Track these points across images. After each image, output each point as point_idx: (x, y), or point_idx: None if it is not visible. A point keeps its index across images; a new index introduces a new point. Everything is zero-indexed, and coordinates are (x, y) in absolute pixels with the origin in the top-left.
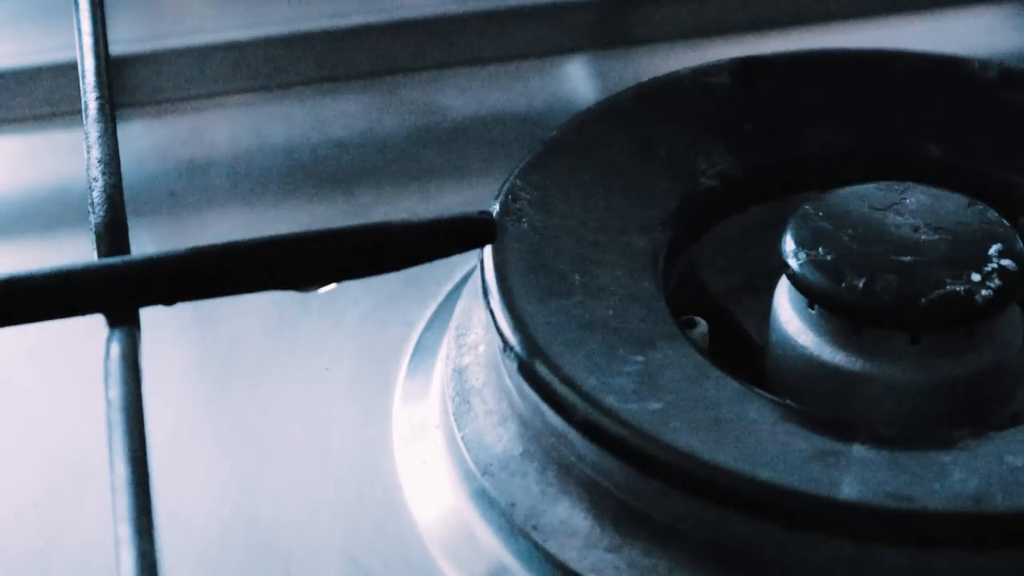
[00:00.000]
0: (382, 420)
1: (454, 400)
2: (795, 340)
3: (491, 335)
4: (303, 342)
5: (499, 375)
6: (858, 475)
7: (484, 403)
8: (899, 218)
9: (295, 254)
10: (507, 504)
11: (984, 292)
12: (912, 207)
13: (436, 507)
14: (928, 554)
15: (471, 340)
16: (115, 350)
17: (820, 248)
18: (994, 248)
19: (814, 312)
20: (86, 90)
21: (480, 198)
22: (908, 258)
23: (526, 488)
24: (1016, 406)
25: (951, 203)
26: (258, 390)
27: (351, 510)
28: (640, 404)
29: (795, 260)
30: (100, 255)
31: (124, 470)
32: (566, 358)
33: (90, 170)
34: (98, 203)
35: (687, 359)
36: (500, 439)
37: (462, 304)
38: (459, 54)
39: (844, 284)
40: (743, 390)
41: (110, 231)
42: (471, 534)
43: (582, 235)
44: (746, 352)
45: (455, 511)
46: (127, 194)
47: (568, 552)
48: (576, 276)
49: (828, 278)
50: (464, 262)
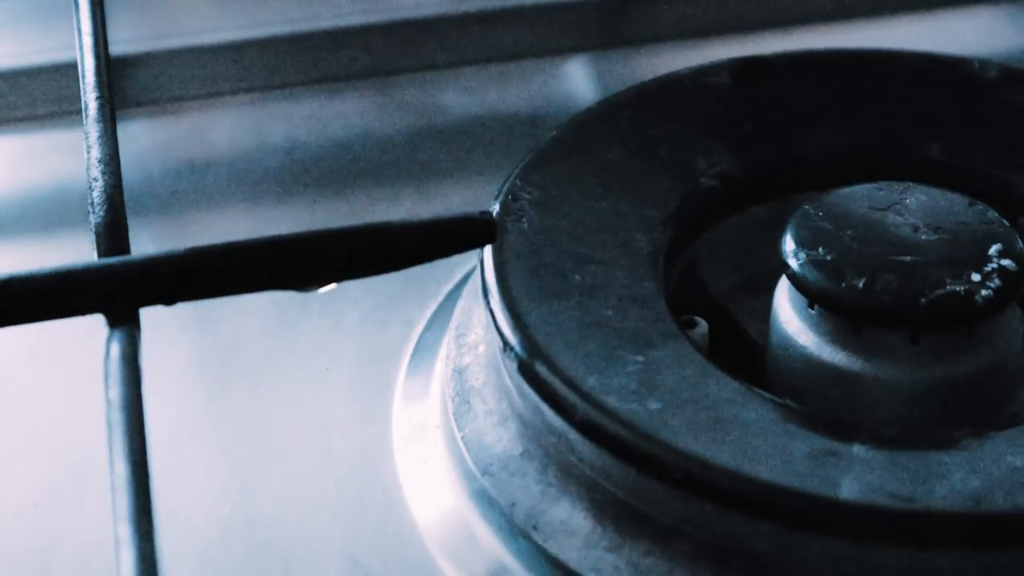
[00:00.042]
0: (382, 420)
1: (454, 400)
2: (795, 340)
3: (491, 335)
4: (303, 342)
5: (499, 375)
6: (858, 475)
7: (484, 403)
8: (899, 218)
9: (295, 254)
10: (507, 504)
11: (984, 292)
12: (912, 207)
13: (436, 507)
14: (928, 554)
15: (471, 340)
16: (115, 350)
17: (820, 248)
18: (994, 248)
19: (814, 312)
20: (86, 90)
21: (480, 198)
22: (908, 258)
23: (526, 488)
24: (1016, 406)
25: (951, 203)
26: (258, 390)
27: (351, 510)
28: (640, 404)
29: (795, 260)
30: (100, 255)
31: (124, 470)
32: (566, 358)
33: (90, 170)
34: (98, 203)
35: (687, 359)
36: (500, 439)
37: (462, 304)
38: (459, 54)
39: (844, 284)
40: (743, 390)
41: (110, 231)
42: (471, 534)
43: (582, 235)
44: (746, 352)
45: (455, 511)
46: (127, 194)
47: (568, 552)
48: (576, 276)
49: (828, 278)
50: (464, 262)
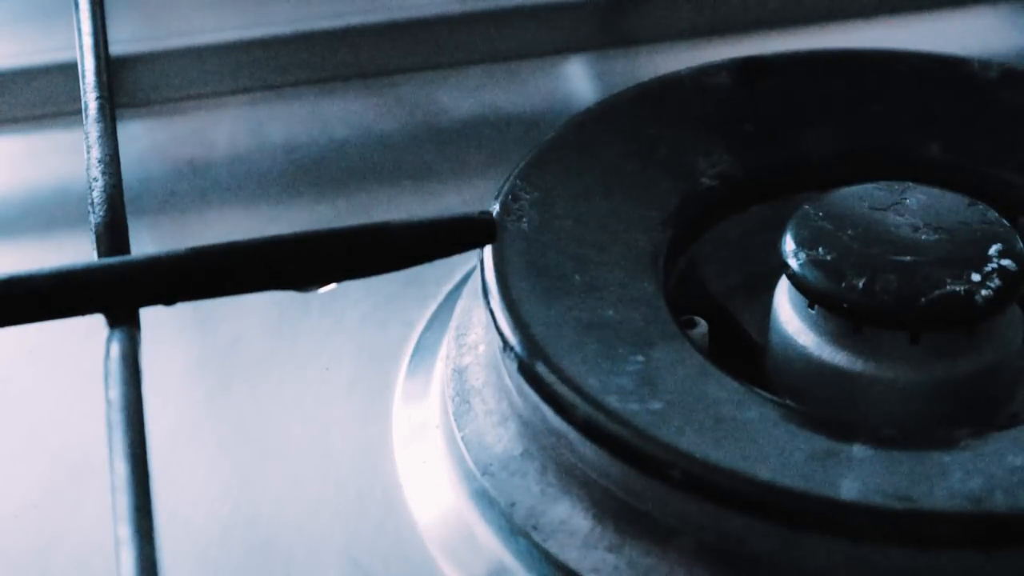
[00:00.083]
0: (382, 420)
1: (454, 400)
2: (795, 340)
3: (491, 335)
4: (303, 342)
5: (499, 375)
6: (858, 475)
7: (484, 403)
8: (899, 218)
9: (295, 254)
10: (507, 504)
11: (984, 292)
12: (912, 207)
13: (436, 507)
14: (928, 554)
15: (471, 340)
16: (115, 350)
17: (820, 248)
18: (994, 248)
19: (814, 312)
20: (86, 90)
21: (480, 198)
22: (908, 258)
23: (526, 488)
24: (1016, 406)
25: (951, 203)
26: (258, 390)
27: (351, 510)
28: (640, 404)
29: (795, 260)
30: (100, 255)
31: (124, 470)
32: (566, 358)
33: (90, 170)
34: (98, 203)
35: (687, 359)
36: (500, 439)
37: (462, 304)
38: (459, 54)
39: (844, 284)
40: (743, 390)
41: (110, 231)
42: (471, 534)
43: (582, 235)
44: (746, 352)
45: (455, 511)
46: (127, 194)
47: (568, 552)
48: (576, 276)
49: (828, 278)
50: (464, 262)
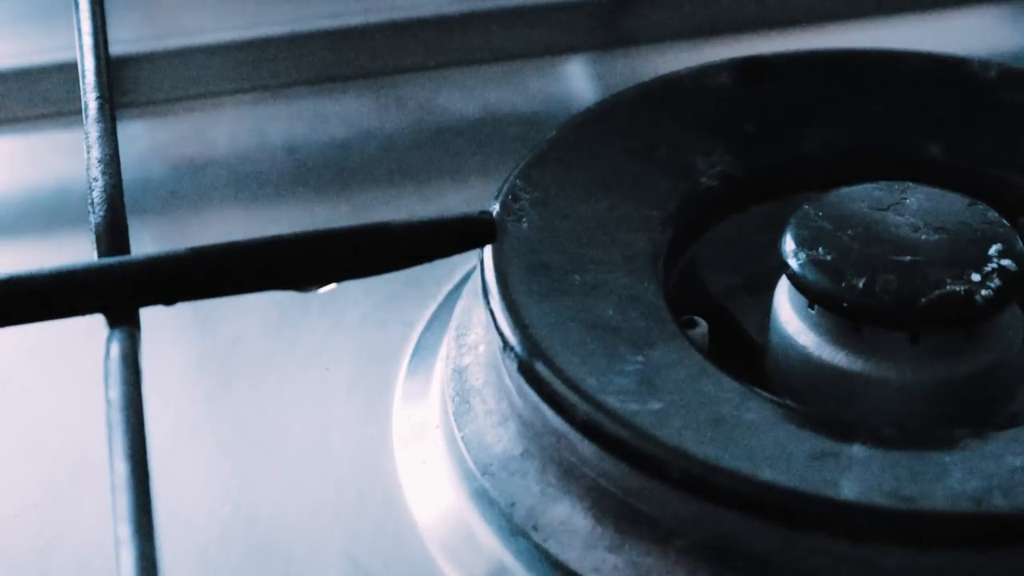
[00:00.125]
0: (382, 420)
1: (454, 400)
2: (795, 340)
3: (491, 335)
4: (303, 342)
5: (499, 375)
6: (858, 475)
7: (484, 403)
8: (899, 218)
9: (295, 254)
10: (507, 504)
11: (984, 292)
12: (912, 207)
13: (436, 507)
14: (928, 554)
15: (471, 340)
16: (115, 350)
17: (820, 248)
18: (994, 248)
19: (814, 312)
20: (86, 90)
21: (480, 198)
22: (908, 258)
23: (526, 488)
24: (1016, 406)
25: (951, 203)
26: (258, 390)
27: (351, 510)
28: (640, 404)
29: (795, 260)
30: (100, 255)
31: (124, 470)
32: (566, 358)
33: (90, 170)
34: (98, 203)
35: (687, 359)
36: (500, 439)
37: (462, 304)
38: (459, 54)
39: (844, 284)
40: (743, 390)
41: (110, 231)
42: (471, 534)
43: (582, 235)
44: (746, 352)
45: (455, 511)
46: (127, 194)
47: (568, 552)
48: (576, 276)
49: (828, 278)
50: (464, 262)
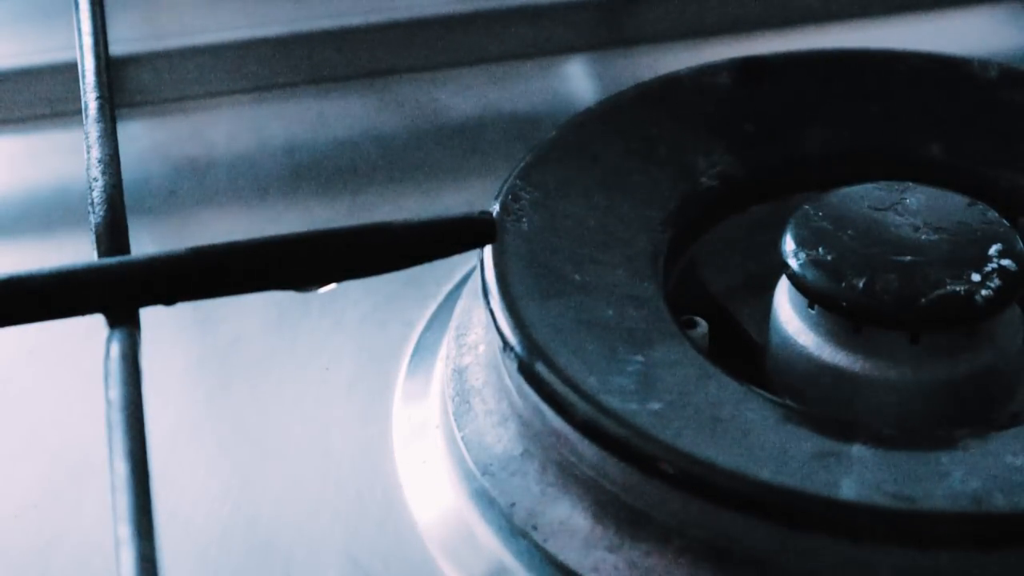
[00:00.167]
0: (382, 420)
1: (454, 400)
2: (795, 340)
3: (491, 335)
4: (303, 342)
5: (499, 375)
6: (858, 475)
7: (484, 403)
8: (899, 218)
9: (295, 254)
10: (507, 504)
11: (984, 292)
12: (912, 207)
13: (436, 507)
14: (928, 554)
15: (471, 340)
16: (115, 350)
17: (820, 248)
18: (994, 248)
19: (814, 312)
20: (86, 90)
21: (480, 198)
22: (908, 258)
23: (526, 488)
24: (1016, 406)
25: (951, 203)
26: (258, 390)
27: (351, 510)
28: (640, 404)
29: (795, 260)
30: (100, 255)
31: (124, 470)
32: (566, 358)
33: (90, 170)
34: (98, 203)
35: (687, 359)
36: (500, 439)
37: (462, 304)
38: (459, 54)
39: (844, 284)
40: (743, 390)
41: (110, 231)
42: (471, 534)
43: (582, 235)
44: (746, 352)
45: (455, 511)
46: (127, 194)
47: (568, 552)
48: (576, 276)
49: (828, 278)
50: (464, 262)
